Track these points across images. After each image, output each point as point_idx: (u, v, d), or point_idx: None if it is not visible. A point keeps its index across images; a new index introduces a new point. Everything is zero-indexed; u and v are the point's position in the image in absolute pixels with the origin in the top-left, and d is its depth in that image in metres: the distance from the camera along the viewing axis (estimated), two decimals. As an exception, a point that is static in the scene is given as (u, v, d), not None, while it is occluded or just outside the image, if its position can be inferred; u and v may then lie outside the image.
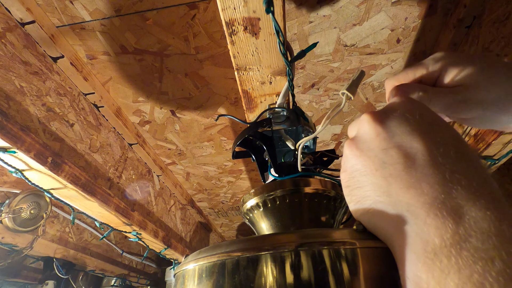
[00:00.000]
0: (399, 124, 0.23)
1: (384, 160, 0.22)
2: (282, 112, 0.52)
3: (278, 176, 0.47)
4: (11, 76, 0.63)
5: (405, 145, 0.21)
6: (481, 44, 0.64)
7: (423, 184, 0.20)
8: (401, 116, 0.23)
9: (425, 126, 0.22)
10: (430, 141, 0.21)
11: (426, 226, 0.19)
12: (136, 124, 1.03)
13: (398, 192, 0.21)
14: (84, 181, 0.76)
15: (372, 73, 0.85)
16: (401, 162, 0.21)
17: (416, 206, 0.20)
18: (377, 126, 0.23)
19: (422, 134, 0.21)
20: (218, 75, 0.84)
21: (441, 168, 0.20)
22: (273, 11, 0.37)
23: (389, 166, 0.22)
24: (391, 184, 0.21)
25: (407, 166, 0.21)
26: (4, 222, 1.03)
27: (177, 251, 1.33)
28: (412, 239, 0.20)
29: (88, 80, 0.82)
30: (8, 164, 0.63)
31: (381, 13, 0.69)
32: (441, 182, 0.19)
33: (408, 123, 0.22)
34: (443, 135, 0.21)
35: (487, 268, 0.16)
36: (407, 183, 0.20)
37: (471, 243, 0.17)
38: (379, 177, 0.22)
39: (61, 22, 0.70)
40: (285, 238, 0.28)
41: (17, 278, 1.35)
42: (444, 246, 0.18)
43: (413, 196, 0.20)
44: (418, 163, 0.20)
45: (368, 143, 0.24)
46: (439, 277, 0.17)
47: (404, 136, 0.22)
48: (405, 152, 0.21)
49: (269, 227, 0.44)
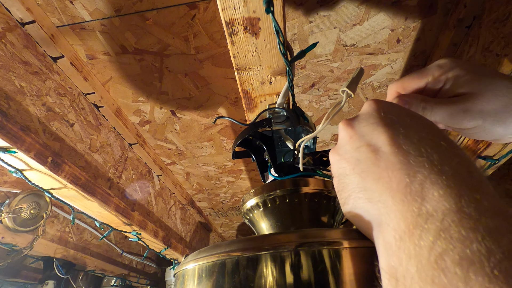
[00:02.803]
0: (366, 124, 0.24)
1: (357, 158, 0.24)
2: (282, 112, 0.52)
3: (278, 176, 0.47)
4: (11, 76, 0.63)
5: (372, 141, 0.23)
6: (481, 44, 0.64)
7: (389, 172, 0.21)
8: (367, 117, 0.25)
9: (388, 120, 0.23)
10: (393, 132, 0.22)
11: (393, 213, 0.20)
12: (136, 124, 1.03)
13: (371, 185, 0.22)
14: (84, 181, 0.76)
15: (372, 73, 0.85)
16: (370, 157, 0.22)
17: (385, 194, 0.21)
18: (348, 130, 0.26)
19: (385, 127, 0.23)
20: (218, 75, 0.84)
21: (405, 155, 0.20)
22: (273, 11, 0.37)
23: (361, 163, 0.23)
24: (365, 179, 0.23)
25: (375, 159, 0.22)
26: (4, 222, 1.03)
27: (177, 251, 1.33)
28: (385, 228, 0.20)
29: (88, 80, 0.82)
30: (8, 164, 0.63)
31: (381, 13, 0.69)
32: (405, 167, 0.20)
33: (373, 121, 0.24)
34: (407, 125, 0.22)
35: (444, 247, 0.16)
36: (376, 175, 0.22)
37: (432, 223, 0.17)
38: (355, 174, 0.24)
39: (61, 22, 0.70)
40: (285, 238, 0.28)
41: (17, 278, 1.35)
42: (408, 229, 0.18)
43: (382, 185, 0.21)
44: (383, 154, 0.22)
45: (345, 147, 0.26)
46: (405, 263, 0.17)
47: (370, 133, 0.24)
48: (372, 147, 0.23)
49: (269, 227, 0.44)
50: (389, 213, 0.20)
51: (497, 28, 0.60)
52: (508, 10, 0.57)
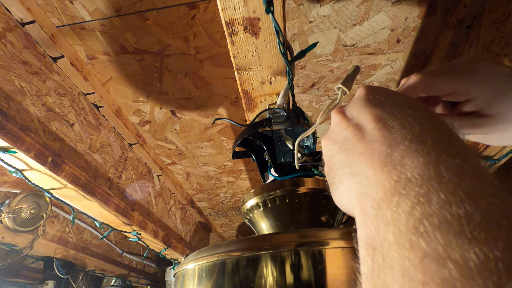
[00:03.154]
0: (356, 107, 0.25)
1: (344, 137, 0.24)
2: (282, 112, 0.52)
3: (278, 176, 0.47)
4: (11, 76, 0.63)
5: (359, 121, 0.24)
6: (481, 44, 0.64)
7: (373, 146, 0.21)
8: (357, 101, 0.26)
9: (376, 101, 0.24)
10: (379, 111, 0.23)
11: (373, 183, 0.20)
12: (136, 124, 1.03)
13: (355, 160, 0.23)
14: (84, 181, 0.76)
15: (372, 73, 0.85)
16: (356, 134, 0.23)
17: (366, 165, 0.21)
18: (338, 115, 0.27)
19: (372, 107, 0.23)
20: (218, 75, 0.84)
21: (389, 129, 0.21)
22: (273, 11, 0.37)
23: (347, 141, 0.24)
24: (349, 156, 0.23)
25: (361, 136, 0.23)
26: (4, 222, 1.03)
27: (177, 251, 1.33)
28: (364, 199, 0.20)
29: (88, 80, 0.82)
30: (8, 164, 0.63)
31: (381, 13, 0.69)
32: (387, 140, 0.20)
33: (362, 103, 0.25)
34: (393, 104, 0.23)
35: (423, 212, 0.16)
36: (360, 149, 0.22)
37: (411, 189, 0.17)
38: (341, 153, 0.24)
39: (61, 22, 0.70)
40: (285, 237, 0.28)
41: (17, 278, 1.35)
42: (386, 197, 0.18)
43: (364, 157, 0.21)
44: (368, 131, 0.22)
45: (334, 130, 0.27)
46: (383, 231, 0.17)
47: (358, 114, 0.24)
48: (359, 126, 0.23)
49: (269, 227, 0.44)
50: (369, 184, 0.20)
51: (497, 28, 0.60)
52: (508, 10, 0.57)
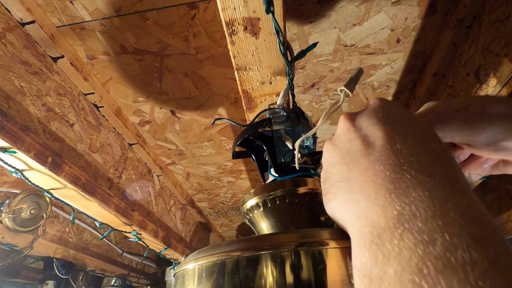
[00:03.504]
0: (367, 118, 0.24)
1: (349, 149, 0.23)
2: (282, 112, 0.52)
3: (278, 176, 0.47)
4: (11, 76, 0.63)
5: (368, 134, 0.23)
6: (481, 44, 0.64)
7: (377, 166, 0.20)
8: (369, 112, 0.25)
9: (389, 118, 0.23)
10: (391, 130, 0.22)
11: (373, 207, 0.19)
12: (136, 124, 1.03)
13: (356, 175, 0.22)
14: (84, 181, 0.76)
15: (372, 73, 0.85)
16: (362, 149, 0.22)
17: (368, 186, 0.20)
18: (347, 122, 0.25)
19: (385, 124, 0.22)
20: (218, 75, 0.84)
21: (397, 153, 0.20)
22: (273, 11, 0.37)
23: (352, 153, 0.23)
24: (351, 170, 0.22)
25: (366, 152, 0.22)
26: (4, 222, 1.03)
27: (177, 251, 1.33)
28: (362, 222, 0.19)
29: (88, 80, 0.82)
30: (8, 164, 0.63)
31: (381, 13, 0.69)
32: (394, 164, 0.19)
33: (374, 117, 0.24)
34: (406, 126, 0.22)
35: (427, 252, 0.15)
36: (363, 167, 0.21)
37: (415, 224, 0.16)
38: (343, 164, 0.23)
39: (61, 22, 0.70)
40: (285, 237, 0.28)
41: (17, 278, 1.35)
42: (388, 227, 0.17)
43: (366, 177, 0.20)
44: (376, 149, 0.21)
45: (340, 137, 0.25)
46: (382, 264, 0.16)
47: (369, 127, 0.23)
48: (367, 140, 0.22)
49: (269, 227, 0.44)
50: (369, 207, 0.19)
51: (497, 28, 0.60)
52: (508, 10, 0.57)
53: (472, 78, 0.68)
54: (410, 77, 0.87)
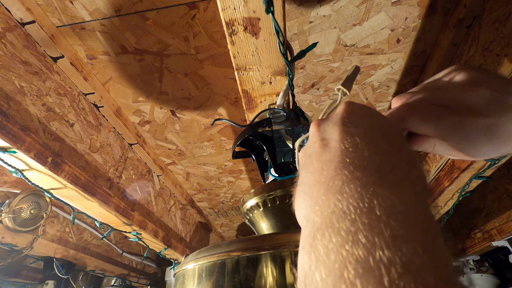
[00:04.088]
0: (329, 123, 0.25)
1: (310, 152, 0.24)
2: (282, 112, 0.52)
3: (278, 176, 0.47)
4: (11, 76, 0.63)
5: (326, 137, 0.23)
6: (481, 44, 0.64)
7: (325, 167, 0.20)
8: (334, 117, 0.25)
9: (347, 120, 0.23)
10: (345, 131, 0.22)
11: (314, 206, 0.19)
12: (136, 124, 1.03)
13: (308, 177, 0.22)
14: (84, 181, 0.76)
15: (372, 73, 0.85)
16: (318, 151, 0.22)
17: (314, 187, 0.20)
18: (313, 127, 0.26)
19: (342, 127, 0.23)
20: (218, 75, 0.84)
21: (344, 151, 0.20)
22: (273, 11, 0.37)
23: (310, 157, 0.23)
24: (307, 172, 0.22)
25: (321, 153, 0.22)
26: (4, 222, 1.03)
27: (177, 251, 1.33)
28: (306, 223, 0.19)
29: (88, 80, 0.82)
30: (8, 164, 0.63)
31: (381, 13, 0.69)
32: (338, 162, 0.19)
33: (336, 120, 0.24)
34: (362, 125, 0.22)
35: (349, 253, 0.14)
36: (314, 168, 0.21)
37: (343, 222, 0.16)
38: (303, 168, 0.24)
39: (61, 22, 0.70)
40: (285, 237, 0.28)
41: (17, 278, 1.35)
42: (321, 227, 0.17)
43: (314, 177, 0.21)
44: (329, 150, 0.21)
45: (308, 143, 0.26)
46: (314, 268, 0.15)
47: (328, 130, 0.24)
48: (324, 143, 0.23)
49: (269, 227, 0.44)
50: (312, 206, 0.19)
51: (497, 28, 0.60)
52: (508, 10, 0.57)
53: (472, 78, 0.68)
54: (410, 77, 0.87)
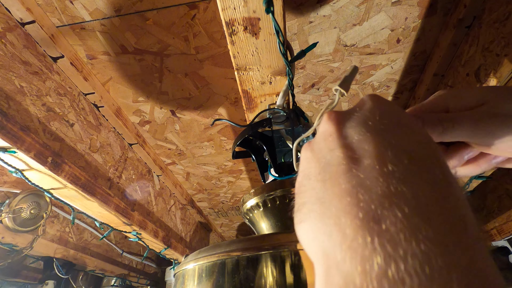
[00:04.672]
0: (355, 124, 0.19)
1: (329, 161, 0.19)
2: (282, 112, 0.52)
3: (278, 176, 0.47)
4: (11, 76, 0.63)
5: (354, 146, 0.18)
6: (481, 44, 0.64)
7: (360, 194, 0.16)
8: (359, 116, 0.20)
9: (383, 127, 0.19)
10: (382, 144, 0.17)
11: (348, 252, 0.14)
12: (136, 124, 1.03)
13: (332, 199, 0.17)
14: (84, 181, 0.76)
15: (372, 73, 0.85)
16: (344, 164, 0.17)
17: (345, 219, 0.15)
18: (331, 125, 0.20)
19: (376, 136, 0.18)
20: (218, 75, 0.84)
21: (388, 177, 0.16)
22: (273, 11, 0.37)
23: (331, 168, 0.18)
24: (327, 189, 0.18)
25: (349, 170, 0.17)
26: (4, 222, 1.03)
27: (177, 251, 1.33)
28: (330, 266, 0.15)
29: (88, 80, 0.82)
30: (8, 164, 0.63)
31: (381, 13, 0.69)
32: (383, 194, 0.15)
33: (365, 123, 0.19)
34: (403, 138, 0.18)
35: None
36: (343, 189, 0.17)
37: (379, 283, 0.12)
38: (319, 180, 0.19)
39: (61, 22, 0.70)
40: (285, 237, 0.28)
41: (17, 278, 1.35)
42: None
43: (345, 205, 0.16)
44: (361, 167, 0.17)
45: (320, 144, 0.21)
46: None
47: (356, 136, 0.19)
48: (352, 153, 0.18)
49: (269, 227, 0.44)
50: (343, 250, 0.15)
51: (497, 28, 0.60)
52: (508, 10, 0.57)
53: (472, 78, 0.68)
54: (410, 77, 0.87)
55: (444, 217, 0.14)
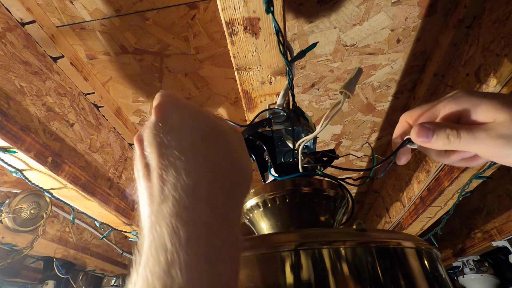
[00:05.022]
0: (145, 137, 0.24)
1: (139, 176, 0.25)
2: (282, 112, 0.52)
3: (278, 176, 0.47)
4: (11, 76, 0.63)
5: (147, 155, 0.24)
6: (481, 44, 0.64)
7: (150, 190, 0.22)
8: (147, 130, 0.25)
9: (161, 135, 0.23)
10: (159, 151, 0.23)
11: (145, 236, 0.20)
12: (136, 124, 1.03)
13: (141, 193, 0.24)
14: (84, 181, 0.76)
15: (372, 73, 0.85)
16: (144, 184, 0.24)
17: (144, 205, 0.22)
18: (136, 143, 0.26)
19: (155, 146, 0.23)
20: (218, 75, 0.84)
21: (164, 188, 0.21)
22: (273, 11, 0.37)
23: (139, 181, 0.24)
24: (139, 182, 0.24)
25: (146, 184, 0.23)
26: (4, 222, 1.03)
27: (177, 251, 1.33)
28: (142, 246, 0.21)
29: (88, 80, 0.82)
30: (8, 164, 0.63)
31: (381, 13, 0.69)
32: (157, 192, 0.21)
33: (150, 135, 0.24)
34: (176, 142, 0.23)
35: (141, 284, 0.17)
36: (145, 199, 0.23)
37: (144, 254, 0.19)
38: (139, 173, 0.25)
39: (61, 22, 0.70)
40: (285, 238, 0.28)
41: (17, 278, 1.35)
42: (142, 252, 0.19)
43: (145, 196, 0.23)
44: (152, 185, 0.23)
45: (148, 136, 0.25)
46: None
47: (147, 148, 0.24)
48: (147, 169, 0.24)
49: (269, 227, 0.44)
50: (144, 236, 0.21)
51: (497, 28, 0.60)
52: (508, 10, 0.57)
53: (472, 78, 0.68)
54: (410, 77, 0.87)
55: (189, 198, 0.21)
